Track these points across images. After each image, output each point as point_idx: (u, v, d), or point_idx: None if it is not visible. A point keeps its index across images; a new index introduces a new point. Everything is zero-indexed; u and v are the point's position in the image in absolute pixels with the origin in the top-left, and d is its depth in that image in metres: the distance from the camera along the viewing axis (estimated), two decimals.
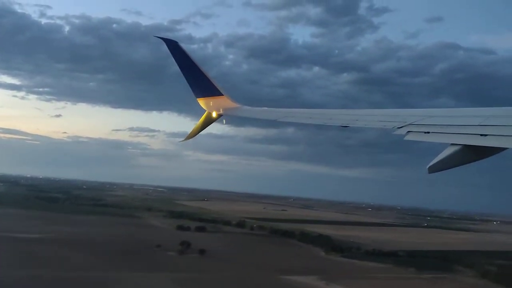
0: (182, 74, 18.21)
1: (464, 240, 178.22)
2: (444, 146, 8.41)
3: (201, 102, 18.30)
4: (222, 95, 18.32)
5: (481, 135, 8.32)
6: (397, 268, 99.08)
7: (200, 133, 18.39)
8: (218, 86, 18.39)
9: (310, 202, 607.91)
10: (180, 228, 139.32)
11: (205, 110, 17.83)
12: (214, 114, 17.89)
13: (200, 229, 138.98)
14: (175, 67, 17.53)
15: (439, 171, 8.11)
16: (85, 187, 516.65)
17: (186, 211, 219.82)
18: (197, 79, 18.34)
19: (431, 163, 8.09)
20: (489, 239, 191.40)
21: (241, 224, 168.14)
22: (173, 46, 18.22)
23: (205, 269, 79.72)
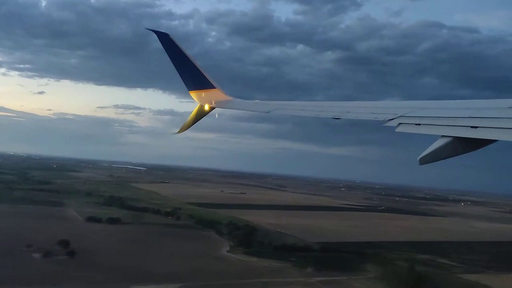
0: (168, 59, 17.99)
1: (407, 229, 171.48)
2: (435, 137, 8.62)
3: (193, 94, 18.43)
4: (215, 87, 18.46)
5: (472, 127, 8.48)
6: (292, 268, 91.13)
7: (188, 111, 18.44)
8: (210, 79, 18.51)
9: (288, 181, 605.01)
10: (91, 219, 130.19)
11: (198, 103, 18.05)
12: (206, 107, 17.94)
13: (113, 221, 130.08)
14: (157, 44, 17.28)
15: (430, 162, 8.37)
16: (55, 166, 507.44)
17: (129, 196, 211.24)
18: (189, 71, 18.35)
19: (422, 155, 8.34)
20: (435, 227, 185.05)
21: (171, 213, 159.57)
22: (165, 39, 18.05)
23: (47, 278, 70.64)
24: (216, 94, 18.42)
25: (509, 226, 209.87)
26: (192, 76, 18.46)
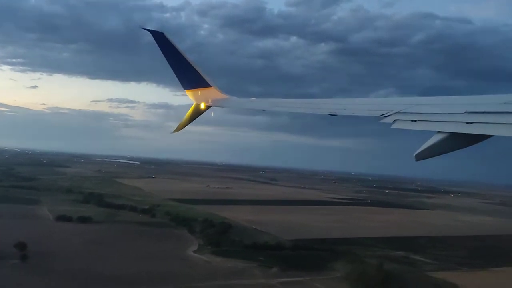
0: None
1: (389, 223, 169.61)
2: (431, 133, 8.70)
3: (189, 93, 18.54)
4: (210, 86, 18.52)
5: (467, 122, 8.51)
6: (257, 268, 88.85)
7: (181, 104, 17.46)
8: (206, 77, 18.55)
9: (281, 174, 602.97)
10: (61, 218, 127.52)
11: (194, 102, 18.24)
12: (202, 106, 18.03)
13: (83, 220, 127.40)
14: (150, 38, 17.48)
15: (425, 158, 8.49)
16: (44, 161, 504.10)
17: (110, 193, 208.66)
18: (184, 70, 18.38)
19: (418, 151, 8.44)
20: (418, 221, 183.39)
21: (147, 210, 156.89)
22: (160, 38, 18.01)
23: None
24: (212, 93, 18.43)
25: (494, 219, 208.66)
26: (187, 75, 18.40)
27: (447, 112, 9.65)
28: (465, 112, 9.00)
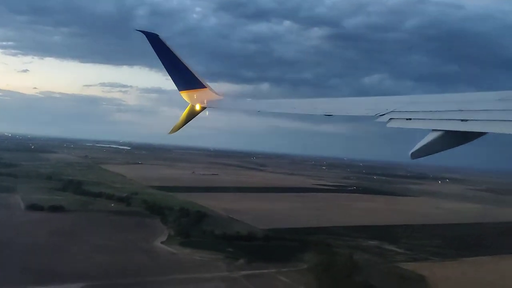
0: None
1: (369, 211, 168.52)
2: (426, 132, 8.80)
3: (184, 95, 18.59)
4: (205, 87, 18.72)
5: (462, 120, 8.51)
6: (222, 261, 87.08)
7: (175, 88, 18.52)
8: (201, 78, 18.77)
9: (273, 160, 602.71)
10: (31, 208, 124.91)
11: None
12: (197, 107, 18.05)
13: (54, 209, 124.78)
14: (142, 21, 15.18)
15: (421, 157, 8.66)
16: (33, 147, 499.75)
17: (91, 180, 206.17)
18: (179, 72, 18.40)
19: (413, 149, 8.64)
20: (400, 208, 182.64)
21: (125, 199, 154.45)
22: (154, 39, 17.98)
23: None
24: (207, 94, 18.45)
25: (476, 206, 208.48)
26: (182, 77, 18.35)
27: (442, 110, 9.59)
28: (460, 109, 8.99)
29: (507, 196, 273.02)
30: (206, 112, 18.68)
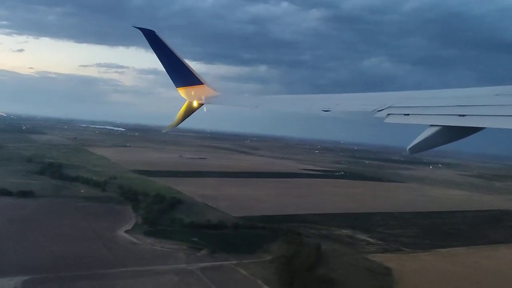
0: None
1: (351, 198, 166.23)
2: (424, 127, 8.84)
3: (182, 91, 18.70)
4: (202, 84, 18.79)
5: (460, 115, 8.61)
6: (184, 251, 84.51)
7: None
8: (198, 75, 18.85)
9: (267, 143, 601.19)
10: (0, 192, 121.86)
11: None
12: (195, 103, 18.31)
13: (24, 194, 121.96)
14: (138, 1, 14.47)
15: (419, 152, 8.83)
16: (23, 127, 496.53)
17: (72, 163, 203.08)
18: (176, 68, 18.47)
19: (411, 144, 8.77)
20: (384, 195, 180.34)
21: (101, 183, 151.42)
22: (151, 36, 18.00)
23: None
24: (204, 90, 18.48)
25: (463, 193, 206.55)
26: (179, 73, 18.34)
27: (440, 105, 9.70)
28: (457, 105, 9.15)
29: (497, 182, 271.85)
30: (204, 109, 18.75)
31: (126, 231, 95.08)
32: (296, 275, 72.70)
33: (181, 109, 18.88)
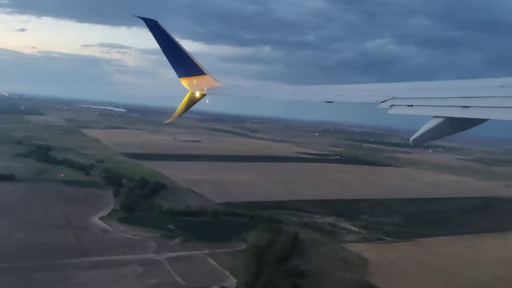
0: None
1: (341, 184, 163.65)
2: (427, 118, 8.86)
3: (184, 82, 18.74)
4: (205, 74, 18.81)
5: (463, 107, 8.59)
6: (156, 240, 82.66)
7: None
8: (201, 65, 18.83)
9: (267, 125, 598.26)
10: None
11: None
12: (197, 94, 18.40)
13: (4, 178, 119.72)
14: None
15: (423, 143, 8.84)
16: (22, 108, 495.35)
17: (62, 146, 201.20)
18: (179, 58, 18.45)
19: (415, 136, 8.80)
20: (375, 180, 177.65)
21: (87, 167, 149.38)
22: (153, 25, 17.93)
23: None
24: (207, 81, 18.61)
25: (457, 178, 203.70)
26: (182, 63, 18.45)
27: (443, 96, 9.67)
28: (461, 96, 9.16)
29: (494, 167, 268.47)
30: (207, 100, 18.74)
31: (100, 218, 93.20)
32: (265, 267, 70.72)
33: (184, 100, 18.83)
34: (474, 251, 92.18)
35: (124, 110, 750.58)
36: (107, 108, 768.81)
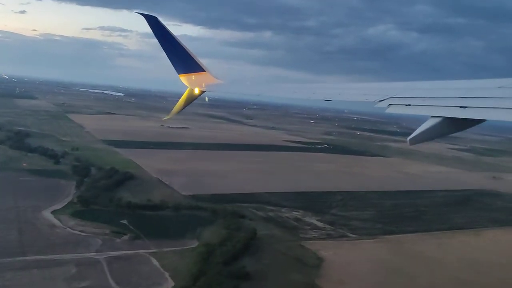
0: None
1: (321, 175, 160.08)
2: (425, 118, 8.92)
3: (183, 78, 18.95)
4: (204, 71, 18.90)
5: (461, 107, 8.69)
6: (105, 236, 79.64)
7: (176, 34, 18.36)
8: (200, 62, 18.79)
9: (265, 111, 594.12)
10: None
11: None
12: (196, 91, 18.56)
13: None
14: None
15: (420, 142, 8.82)
16: (17, 91, 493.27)
17: (43, 132, 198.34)
18: (178, 55, 18.60)
19: (412, 135, 8.77)
20: (358, 171, 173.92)
21: (59, 155, 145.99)
22: (153, 22, 18.29)
23: None
24: (206, 78, 18.81)
25: (444, 169, 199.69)
26: (181, 60, 18.57)
27: (441, 96, 9.80)
28: (459, 96, 9.19)
29: (486, 157, 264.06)
30: (206, 98, 19.33)
31: (53, 211, 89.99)
32: (208, 268, 67.41)
33: (183, 96, 18.84)
34: (441, 250, 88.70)
35: (122, 95, 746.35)
36: (105, 92, 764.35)
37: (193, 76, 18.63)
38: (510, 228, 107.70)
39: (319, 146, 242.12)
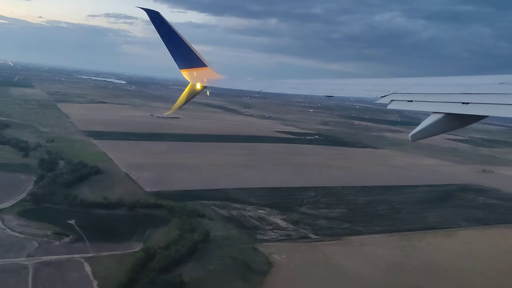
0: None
1: (303, 168, 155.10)
2: (427, 114, 8.78)
3: (185, 73, 19.28)
4: (206, 66, 19.18)
5: (463, 103, 8.77)
6: (46, 238, 75.76)
7: (180, 21, 18.52)
8: (202, 57, 19.17)
9: (266, 100, 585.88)
10: None
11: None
12: (198, 86, 18.85)
13: None
14: None
15: (422, 138, 9.01)
16: (16, 78, 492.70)
17: (24, 122, 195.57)
18: (180, 50, 18.81)
19: (414, 131, 8.88)
20: (342, 165, 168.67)
21: (31, 148, 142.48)
22: (155, 16, 18.51)
23: None
24: (208, 73, 19.13)
25: (435, 162, 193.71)
26: (183, 55, 18.90)
27: (443, 92, 9.90)
28: (461, 92, 9.24)
29: (482, 148, 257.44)
30: (207, 92, 19.99)
31: (2, 209, 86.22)
32: (141, 276, 63.28)
33: (184, 92, 19.41)
34: (403, 253, 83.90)
35: (124, 82, 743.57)
36: (106, 79, 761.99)
37: (194, 72, 18.68)
38: (485, 228, 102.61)
39: (310, 137, 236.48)
